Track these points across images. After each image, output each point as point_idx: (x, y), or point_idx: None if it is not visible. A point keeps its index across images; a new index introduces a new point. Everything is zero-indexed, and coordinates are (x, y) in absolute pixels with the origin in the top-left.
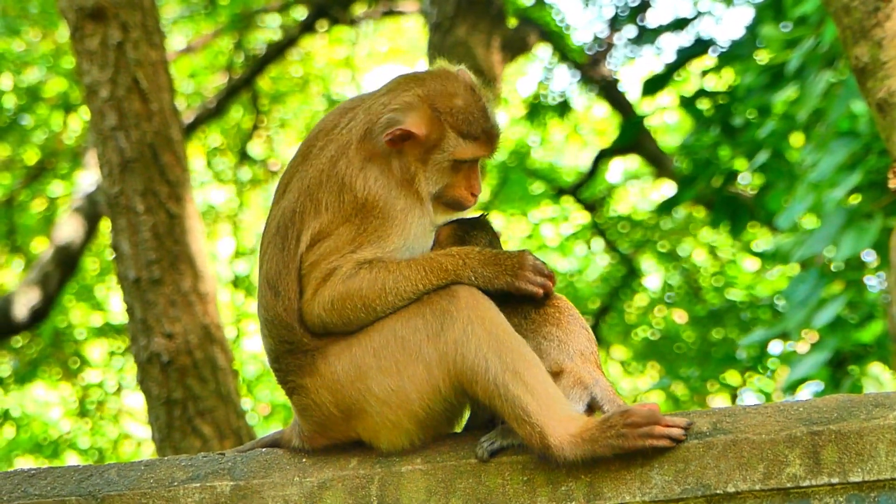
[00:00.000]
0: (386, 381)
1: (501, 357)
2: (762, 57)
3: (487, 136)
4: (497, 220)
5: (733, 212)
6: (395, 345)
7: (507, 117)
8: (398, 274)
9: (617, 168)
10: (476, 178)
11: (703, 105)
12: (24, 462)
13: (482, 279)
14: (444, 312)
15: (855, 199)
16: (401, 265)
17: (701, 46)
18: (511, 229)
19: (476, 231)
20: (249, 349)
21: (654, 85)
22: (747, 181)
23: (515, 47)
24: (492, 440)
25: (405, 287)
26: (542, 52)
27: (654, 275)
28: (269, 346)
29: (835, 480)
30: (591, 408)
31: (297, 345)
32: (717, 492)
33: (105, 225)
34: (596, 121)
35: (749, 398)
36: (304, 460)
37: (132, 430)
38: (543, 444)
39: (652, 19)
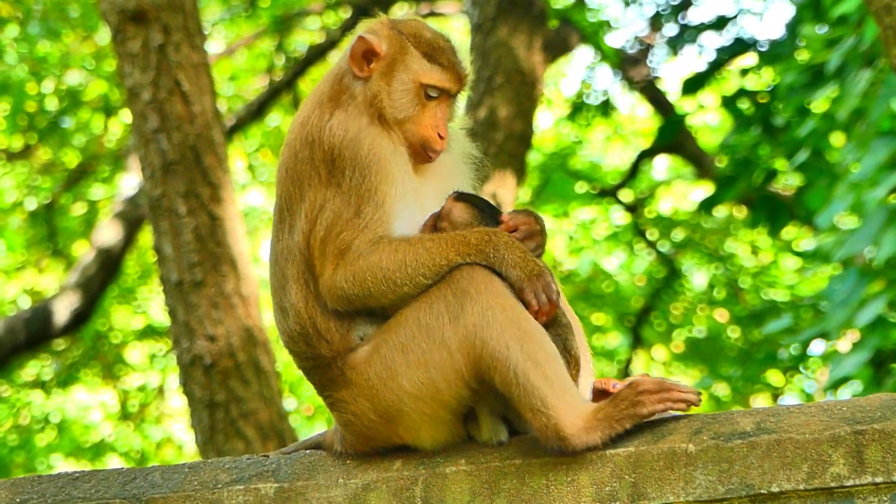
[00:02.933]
0: (416, 376)
1: (523, 346)
2: (802, 56)
3: (454, 67)
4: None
5: (772, 211)
6: (419, 335)
7: (550, 118)
8: (419, 247)
9: (658, 168)
10: (443, 117)
11: (744, 104)
12: (65, 465)
13: (500, 261)
14: (463, 293)
15: (894, 199)
16: (423, 238)
17: (741, 46)
18: (553, 229)
19: (489, 213)
20: None
21: (693, 84)
22: (790, 181)
23: (557, 48)
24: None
25: (426, 260)
26: (584, 51)
27: (695, 275)
28: (298, 365)
29: (879, 480)
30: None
31: (319, 359)
32: (762, 491)
33: (146, 228)
34: (638, 121)
35: (790, 399)
36: (348, 462)
37: (174, 432)
38: (559, 436)
39: (693, 17)
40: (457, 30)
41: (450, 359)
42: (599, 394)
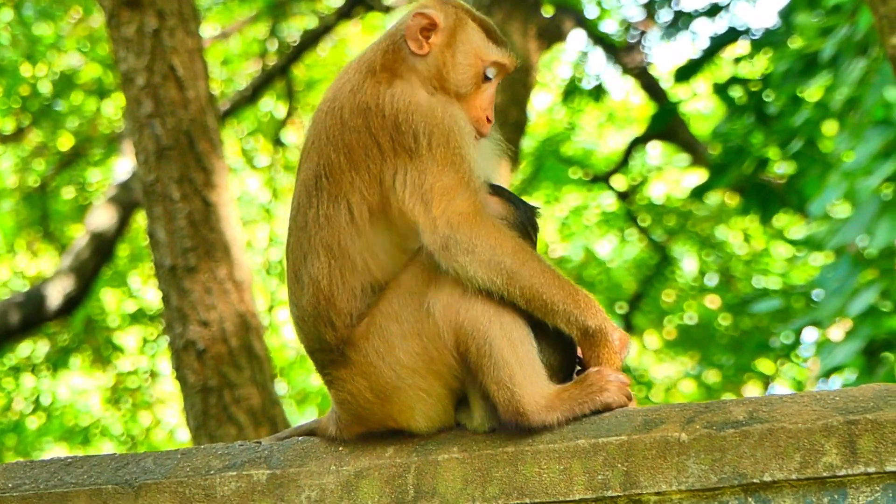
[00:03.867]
0: (410, 346)
1: (502, 323)
2: (796, 44)
3: (508, 48)
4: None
5: (764, 199)
6: (410, 302)
7: (544, 103)
8: (539, 264)
9: (651, 155)
10: (491, 101)
11: (736, 92)
12: (57, 449)
13: (595, 344)
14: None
15: (888, 188)
16: (544, 262)
17: (734, 34)
18: (545, 215)
19: (523, 210)
20: (284, 336)
21: (686, 72)
22: (782, 169)
23: (551, 35)
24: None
25: (535, 278)
26: (578, 36)
27: (687, 262)
28: (302, 342)
29: (871, 470)
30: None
31: (324, 343)
32: (754, 481)
33: (140, 212)
34: (631, 107)
35: (781, 388)
36: (340, 449)
37: (165, 416)
38: (518, 412)
39: (687, 4)
40: None
41: (435, 327)
42: None
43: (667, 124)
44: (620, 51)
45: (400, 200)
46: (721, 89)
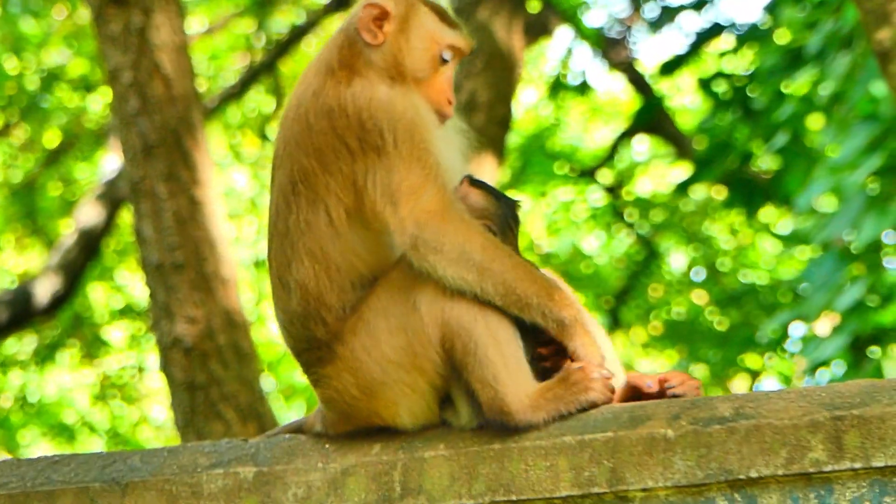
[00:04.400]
0: (396, 341)
1: (488, 322)
2: (781, 39)
3: (463, 29)
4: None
5: (748, 194)
6: (397, 297)
7: (529, 99)
8: (507, 257)
9: (637, 149)
10: (450, 83)
11: (721, 87)
12: (42, 446)
13: (570, 336)
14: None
15: (874, 183)
16: (513, 253)
17: (719, 28)
18: (532, 210)
19: (503, 202)
20: (271, 331)
21: (671, 66)
22: (767, 164)
23: (536, 31)
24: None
25: (507, 273)
26: (563, 32)
27: (674, 256)
28: (289, 345)
29: (857, 465)
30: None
31: (314, 342)
32: (740, 477)
33: (127, 209)
34: (617, 102)
35: (770, 383)
36: (327, 446)
37: (153, 412)
38: (503, 411)
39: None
40: None
41: (420, 323)
42: (632, 389)
43: (652, 119)
44: (606, 45)
45: (372, 201)
46: (706, 84)
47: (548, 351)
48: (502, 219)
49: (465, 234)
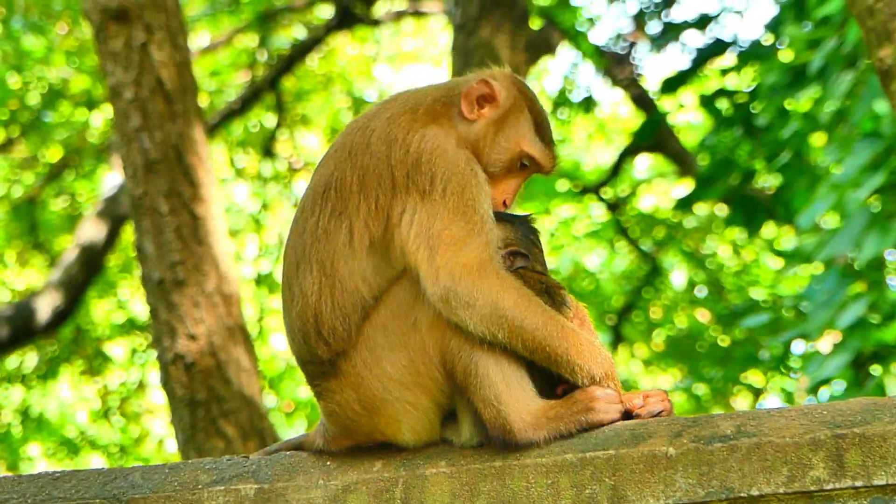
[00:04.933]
0: (398, 358)
1: (487, 342)
2: (784, 56)
3: (552, 147)
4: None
5: (750, 211)
6: (398, 315)
7: None
8: (541, 312)
9: (640, 166)
10: (516, 190)
11: (723, 104)
12: (44, 461)
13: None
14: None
15: (876, 201)
16: (547, 309)
17: (722, 45)
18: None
19: (524, 232)
20: (273, 346)
21: (674, 83)
22: (769, 182)
23: (539, 48)
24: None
25: (539, 328)
26: (567, 50)
27: (677, 273)
28: (294, 354)
29: (859, 484)
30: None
31: (316, 356)
32: (741, 495)
33: (129, 225)
34: (621, 119)
35: (772, 400)
36: (328, 463)
37: (154, 427)
38: (506, 429)
39: (677, 15)
40: (439, 30)
41: (422, 342)
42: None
43: (655, 135)
44: (610, 62)
45: (404, 240)
46: (708, 101)
47: (562, 390)
48: (524, 239)
49: (498, 292)
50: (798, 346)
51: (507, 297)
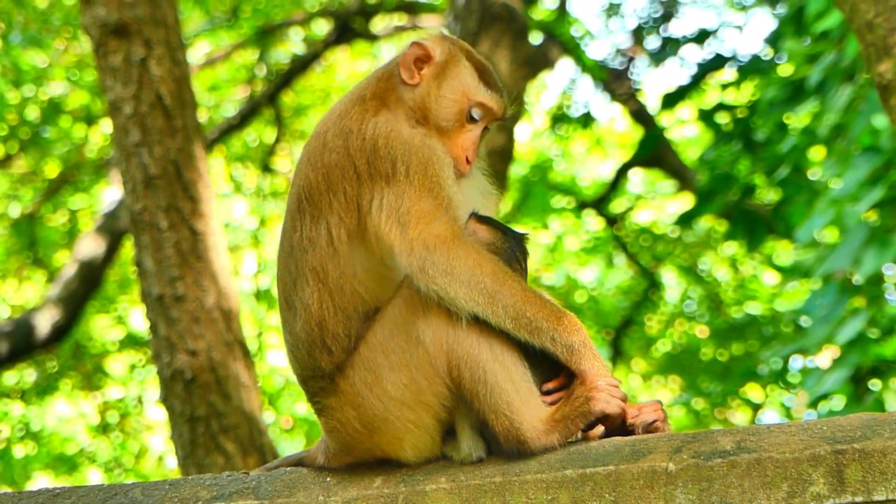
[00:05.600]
0: (398, 378)
1: (493, 347)
2: (783, 71)
3: (501, 92)
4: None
5: (750, 226)
6: (397, 333)
7: (530, 131)
8: (516, 283)
9: (638, 181)
10: (475, 143)
11: (723, 119)
12: (43, 477)
13: (579, 358)
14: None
15: (875, 215)
16: (521, 281)
17: (721, 60)
18: (533, 241)
19: (511, 235)
20: (272, 362)
21: (673, 98)
22: (768, 196)
23: (538, 63)
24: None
25: (516, 298)
26: (565, 64)
27: (675, 288)
28: (295, 371)
29: (859, 499)
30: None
31: (318, 370)
32: None
33: (128, 240)
34: (619, 133)
35: (771, 415)
36: (328, 479)
37: (154, 443)
38: (520, 439)
39: (675, 30)
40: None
41: (426, 355)
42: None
43: (654, 150)
44: (608, 77)
45: (376, 224)
46: (707, 116)
47: (554, 385)
48: (510, 252)
49: (475, 259)
50: (797, 361)
51: (485, 264)
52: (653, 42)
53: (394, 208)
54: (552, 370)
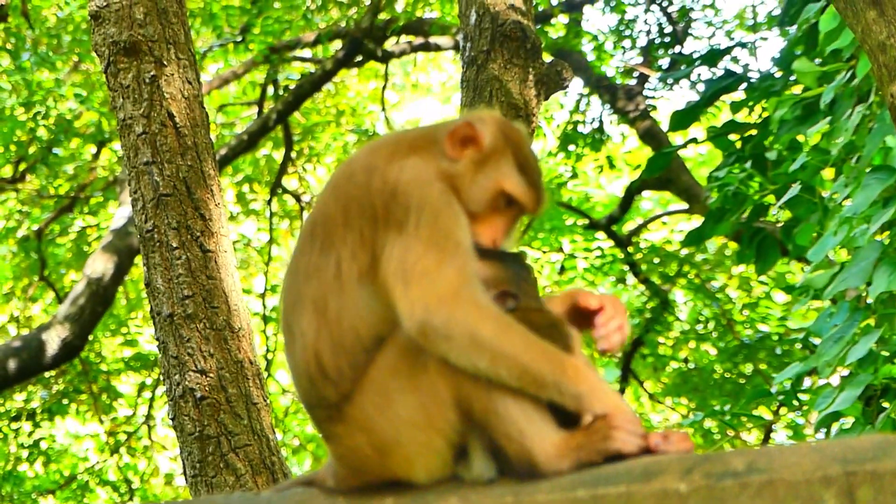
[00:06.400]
0: (408, 401)
1: (501, 371)
2: (794, 90)
3: (537, 188)
4: (530, 252)
5: (760, 246)
6: (404, 357)
7: (542, 150)
8: (521, 337)
9: (650, 200)
10: (504, 229)
11: (733, 138)
12: (52, 499)
13: (589, 404)
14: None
15: (886, 234)
16: (527, 332)
17: (732, 80)
18: (544, 261)
19: (514, 270)
20: (280, 382)
21: (684, 118)
22: (777, 214)
23: (551, 82)
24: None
25: (521, 355)
26: (576, 83)
27: (686, 307)
28: (301, 398)
29: None
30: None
31: (323, 400)
32: None
33: (138, 259)
34: (630, 152)
35: (781, 435)
36: (339, 499)
37: (163, 463)
38: (531, 462)
39: (687, 50)
40: (449, 63)
41: (433, 384)
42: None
43: (665, 168)
44: (620, 96)
45: (384, 274)
46: (718, 135)
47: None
48: (515, 278)
49: (475, 321)
50: (807, 381)
51: (485, 325)
52: (664, 62)
53: (400, 261)
54: None
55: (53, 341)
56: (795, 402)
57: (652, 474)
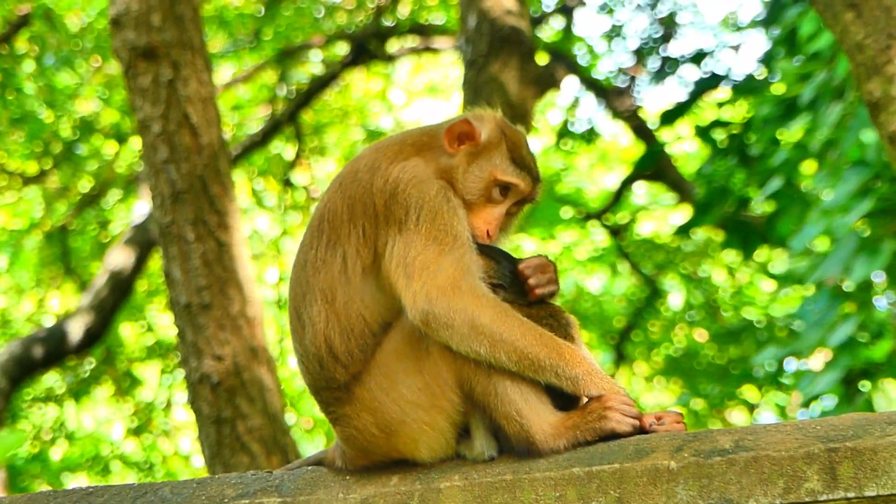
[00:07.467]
0: (413, 382)
1: (501, 356)
2: (776, 89)
3: (531, 175)
4: (527, 244)
5: (745, 236)
6: (408, 340)
7: (538, 147)
8: (517, 324)
9: (640, 193)
10: (498, 219)
11: (719, 135)
12: (78, 478)
13: (584, 385)
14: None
15: (865, 225)
16: (523, 320)
17: (717, 79)
18: (540, 252)
19: (506, 266)
20: (293, 367)
21: (671, 116)
22: (762, 208)
23: (545, 82)
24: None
25: (518, 342)
26: (570, 82)
27: (675, 295)
28: (307, 382)
29: (851, 495)
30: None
31: (332, 381)
32: None
33: (156, 252)
34: (622, 148)
35: (767, 415)
36: (347, 478)
37: (182, 444)
38: (529, 441)
39: (674, 50)
40: (449, 65)
41: (436, 366)
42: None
43: (654, 165)
44: (611, 95)
45: (387, 269)
46: (704, 132)
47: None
48: (509, 276)
49: (474, 308)
50: (791, 364)
51: (484, 312)
52: (653, 62)
53: (402, 257)
54: None
55: (77, 329)
56: (777, 386)
57: (643, 452)
